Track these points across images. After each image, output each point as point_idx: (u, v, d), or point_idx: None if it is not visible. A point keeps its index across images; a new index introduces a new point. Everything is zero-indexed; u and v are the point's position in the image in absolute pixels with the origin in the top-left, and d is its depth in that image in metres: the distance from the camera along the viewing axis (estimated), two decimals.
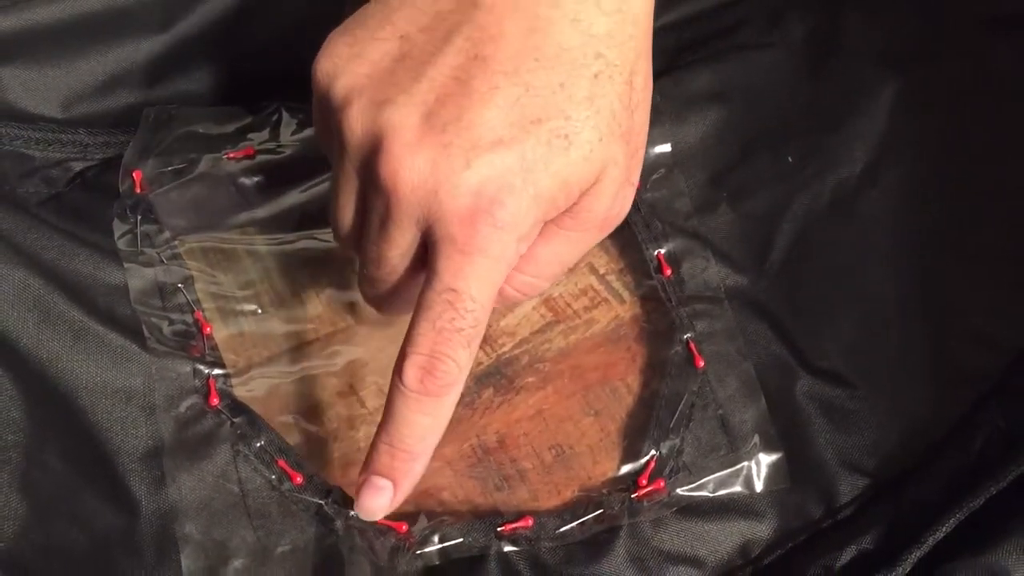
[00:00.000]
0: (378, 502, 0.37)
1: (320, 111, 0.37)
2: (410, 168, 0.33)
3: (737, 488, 0.42)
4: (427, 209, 0.34)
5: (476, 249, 0.34)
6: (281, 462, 0.41)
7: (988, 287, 0.44)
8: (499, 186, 0.33)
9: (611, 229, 0.38)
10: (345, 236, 0.38)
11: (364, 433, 0.43)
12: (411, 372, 0.35)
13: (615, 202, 0.36)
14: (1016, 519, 0.37)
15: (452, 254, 0.34)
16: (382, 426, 0.36)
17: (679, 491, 0.42)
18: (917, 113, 0.47)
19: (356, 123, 0.34)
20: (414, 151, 0.33)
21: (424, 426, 0.36)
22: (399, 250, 0.36)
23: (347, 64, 0.35)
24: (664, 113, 0.50)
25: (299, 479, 0.40)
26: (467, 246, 0.34)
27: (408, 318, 0.35)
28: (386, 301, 0.40)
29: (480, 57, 0.33)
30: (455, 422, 0.43)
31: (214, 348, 0.43)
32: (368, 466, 0.37)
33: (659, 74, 0.50)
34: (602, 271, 0.48)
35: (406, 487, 0.37)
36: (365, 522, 0.40)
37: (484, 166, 0.33)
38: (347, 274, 0.47)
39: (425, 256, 0.35)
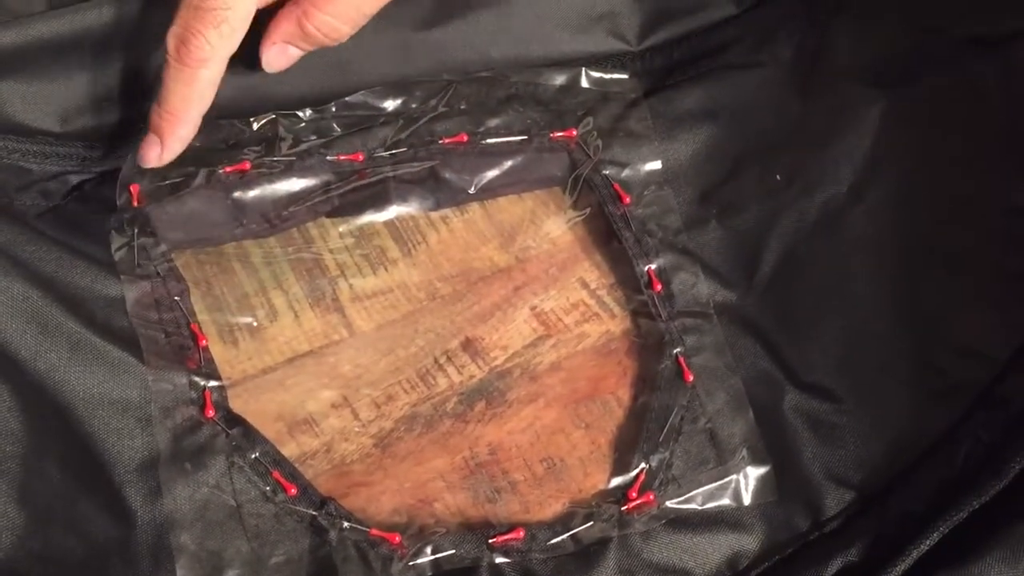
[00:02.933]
0: (150, 152, 0.44)
1: None
2: None
3: (725, 501, 0.42)
4: None
5: None
6: (275, 473, 0.41)
7: (972, 302, 0.44)
8: None
9: None
10: None
11: (357, 445, 0.44)
12: (170, 42, 0.41)
13: None
14: (999, 532, 0.38)
15: None
16: (156, 96, 0.43)
17: (668, 504, 0.42)
18: (903, 131, 0.48)
19: None
20: None
21: (183, 94, 0.42)
22: None
23: None
24: (654, 131, 0.50)
25: (293, 490, 0.41)
26: None
27: (403, 331, 0.35)
28: None
29: None
30: (447, 434, 0.44)
31: (210, 360, 0.43)
32: (147, 126, 0.44)
33: (649, 92, 0.51)
34: (593, 286, 0.48)
35: (172, 145, 0.44)
36: (358, 533, 0.40)
37: None
38: (342, 287, 0.47)
39: None
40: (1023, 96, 0.45)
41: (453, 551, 0.40)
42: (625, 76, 0.52)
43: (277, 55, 0.45)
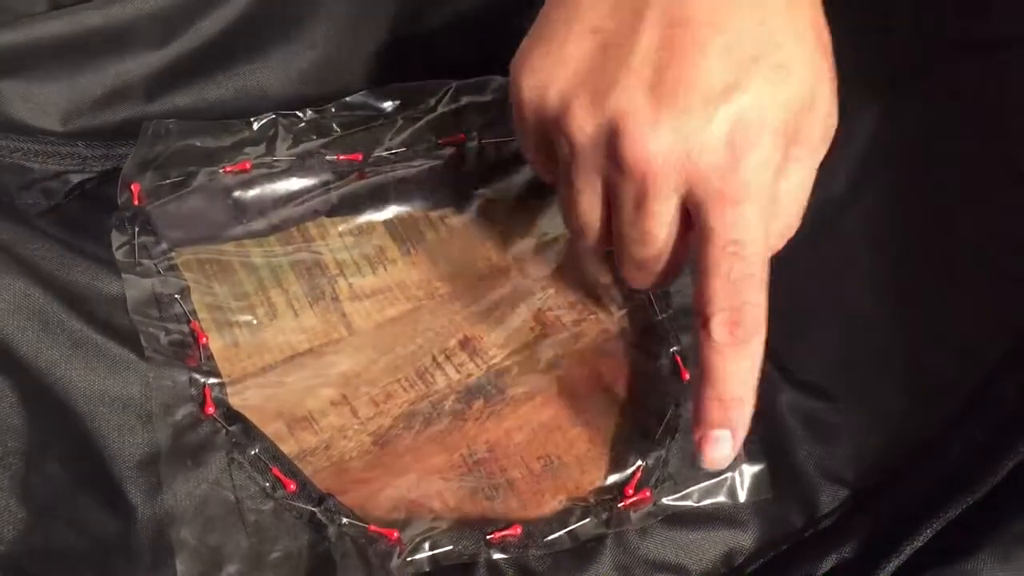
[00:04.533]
0: (722, 451, 0.38)
1: (534, 126, 0.38)
2: (656, 141, 0.34)
3: (721, 498, 0.43)
4: (684, 174, 0.35)
5: (743, 197, 0.35)
6: (275, 470, 0.41)
7: (966, 303, 0.45)
8: (745, 129, 0.34)
9: (828, 144, 0.38)
10: (594, 235, 0.40)
11: (356, 443, 0.44)
12: (720, 330, 0.36)
13: (830, 114, 0.37)
14: (991, 529, 0.38)
15: (722, 208, 0.35)
16: (705, 384, 0.37)
17: (664, 501, 0.42)
18: (896, 133, 0.48)
19: (584, 121, 0.35)
20: (654, 125, 0.34)
21: (745, 371, 0.37)
22: (663, 223, 0.37)
23: (552, 71, 0.36)
24: None
25: (292, 486, 0.41)
26: (735, 195, 0.35)
27: (401, 330, 0.35)
28: (658, 275, 0.40)
29: (677, 21, 0.34)
30: (445, 432, 0.44)
31: (210, 358, 0.44)
32: (703, 423, 0.38)
33: None
34: (591, 285, 0.49)
35: (742, 432, 0.38)
36: (357, 529, 0.40)
37: (725, 115, 0.34)
38: (341, 286, 0.48)
39: (685, 220, 0.37)
40: (1016, 99, 0.46)
41: (451, 547, 0.41)
42: None
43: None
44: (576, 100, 0.35)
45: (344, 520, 0.40)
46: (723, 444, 0.38)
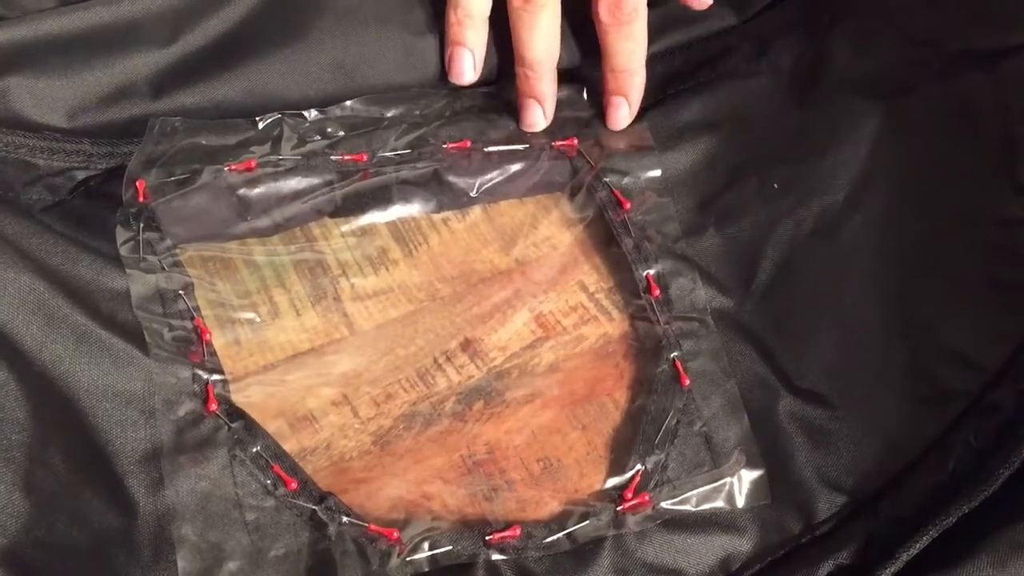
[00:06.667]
0: (621, 115, 0.51)
1: None
2: None
3: (719, 503, 0.43)
4: None
5: None
6: (276, 467, 0.41)
7: (964, 311, 0.45)
8: None
9: None
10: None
11: (356, 442, 0.44)
12: (603, 11, 0.48)
13: None
14: (988, 536, 0.38)
15: None
16: (602, 61, 0.49)
17: (663, 505, 0.43)
18: (898, 142, 0.48)
19: None
20: None
21: (629, 48, 0.49)
22: None
23: None
24: (655, 140, 0.51)
25: (293, 484, 0.41)
26: None
27: (403, 331, 0.35)
28: None
29: None
30: (445, 433, 0.44)
31: (213, 355, 0.44)
32: (604, 92, 0.51)
33: (649, 102, 0.52)
34: (592, 289, 0.49)
35: (636, 99, 0.50)
36: (357, 528, 0.41)
37: None
38: (343, 286, 0.48)
39: None
40: (1014, 109, 0.46)
41: (450, 547, 0.41)
42: None
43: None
44: None
45: (344, 519, 0.41)
46: (622, 110, 0.50)
